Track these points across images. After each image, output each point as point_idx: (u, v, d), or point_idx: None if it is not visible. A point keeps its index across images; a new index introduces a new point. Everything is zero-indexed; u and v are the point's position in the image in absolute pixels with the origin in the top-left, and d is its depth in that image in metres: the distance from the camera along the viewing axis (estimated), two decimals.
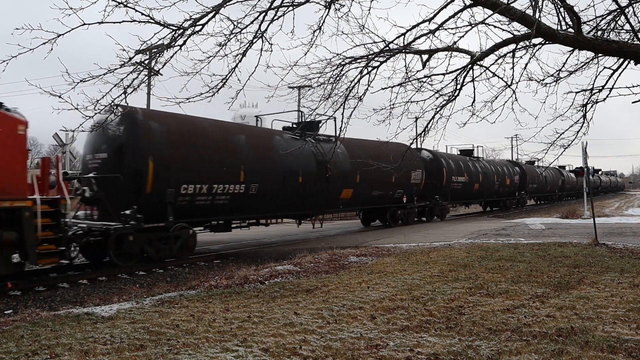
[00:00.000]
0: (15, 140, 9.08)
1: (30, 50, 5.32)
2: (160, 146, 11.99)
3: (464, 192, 27.35)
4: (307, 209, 16.64)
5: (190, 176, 12.50)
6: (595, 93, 8.09)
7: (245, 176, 13.75)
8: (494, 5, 6.08)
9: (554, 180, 44.09)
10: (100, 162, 12.01)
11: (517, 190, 35.86)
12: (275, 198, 14.95)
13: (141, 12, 5.57)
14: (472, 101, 7.77)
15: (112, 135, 11.91)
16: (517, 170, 35.89)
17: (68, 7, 5.29)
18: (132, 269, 11.79)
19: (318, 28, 6.60)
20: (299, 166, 15.63)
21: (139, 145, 11.73)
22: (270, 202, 14.92)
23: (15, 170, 9.11)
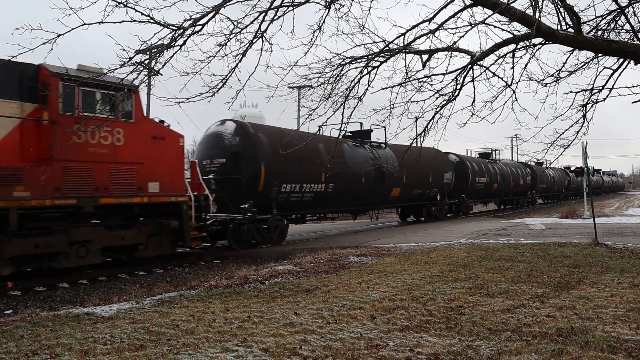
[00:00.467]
0: (177, 150, 12.04)
1: (30, 50, 5.32)
2: (268, 153, 14.79)
3: (485, 192, 30.65)
4: (366, 204, 20.30)
5: (287, 178, 15.46)
6: (595, 93, 8.09)
7: (325, 177, 16.81)
8: (494, 5, 6.08)
9: (560, 181, 46.99)
10: (218, 166, 14.81)
11: (529, 190, 38.87)
12: (345, 195, 18.23)
13: (141, 12, 5.57)
14: (472, 101, 7.77)
15: (229, 144, 14.81)
16: (529, 171, 38.47)
17: (68, 7, 5.30)
18: (132, 269, 11.83)
19: (318, 28, 6.59)
20: (362, 169, 18.77)
21: (254, 153, 14.54)
22: (341, 199, 18.22)
23: (178, 172, 12.08)
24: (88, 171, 10.31)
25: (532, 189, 39.32)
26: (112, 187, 10.67)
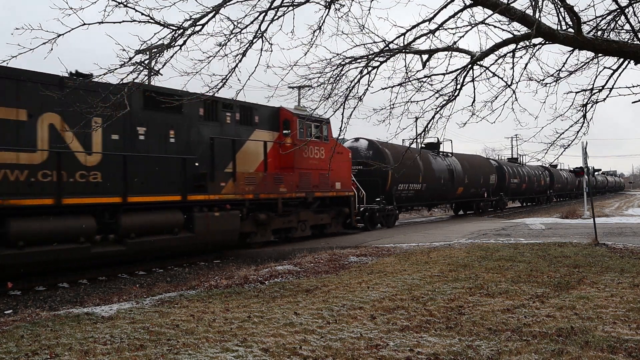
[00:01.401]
0: (348, 160, 17.91)
1: (30, 50, 5.32)
2: (392, 162, 19.57)
3: (517, 191, 36.72)
4: (443, 199, 26.90)
5: (401, 179, 21.24)
6: (595, 93, 8.09)
7: (422, 179, 23.01)
8: (494, 5, 6.08)
9: (572, 181, 53.04)
10: (356, 172, 19.66)
11: (548, 189, 44.73)
12: (432, 192, 24.32)
13: (141, 12, 5.57)
14: (472, 101, 7.77)
15: (364, 155, 20.48)
16: (547, 173, 44.42)
17: (68, 7, 5.29)
18: (132, 269, 11.84)
19: (318, 28, 6.59)
20: (441, 172, 24.90)
21: (385, 163, 18.38)
22: (430, 195, 24.39)
23: (349, 176, 17.89)
24: (310, 175, 15.87)
25: (550, 188, 45.17)
26: (320, 185, 16.23)
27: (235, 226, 13.21)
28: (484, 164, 31.37)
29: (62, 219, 9.90)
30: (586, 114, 8.05)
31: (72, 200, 10.01)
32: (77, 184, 10.28)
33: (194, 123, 12.76)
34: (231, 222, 13.10)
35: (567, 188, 52.05)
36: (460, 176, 26.41)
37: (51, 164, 9.86)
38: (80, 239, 10.14)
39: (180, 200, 11.80)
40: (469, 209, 31.55)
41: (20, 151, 9.45)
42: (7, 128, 9.35)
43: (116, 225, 10.85)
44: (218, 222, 12.67)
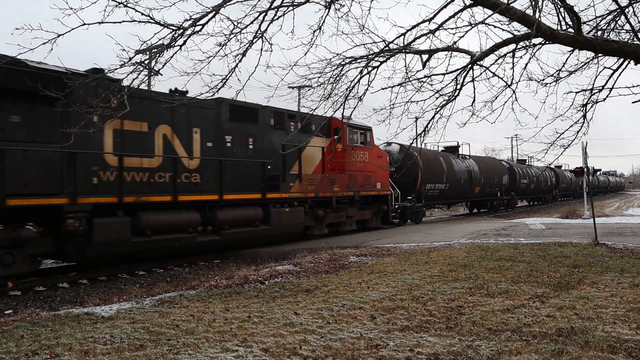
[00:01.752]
0: (386, 163, 19.72)
1: (30, 50, 5.32)
2: (421, 165, 22.71)
3: (526, 191, 39.53)
4: (461, 198, 29.72)
5: (429, 179, 23.78)
6: (595, 93, 8.09)
7: (445, 179, 25.36)
8: (494, 5, 6.08)
9: (576, 181, 55.79)
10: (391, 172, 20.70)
11: (554, 189, 48.02)
12: (453, 192, 26.85)
13: (141, 12, 5.57)
14: (472, 101, 7.77)
15: (396, 158, 21.74)
16: (553, 173, 47.52)
17: (68, 7, 5.29)
18: (132, 268, 11.85)
19: (318, 28, 6.59)
20: (461, 173, 27.31)
21: (414, 164, 21.35)
22: (451, 194, 26.97)
23: (387, 177, 19.89)
24: (357, 176, 18.03)
25: (556, 188, 48.47)
26: (364, 185, 18.38)
27: (300, 220, 15.41)
28: (498, 165, 34.30)
29: (177, 212, 12.05)
30: (586, 114, 8.05)
31: (185, 197, 12.15)
32: (182, 184, 12.22)
33: (266, 131, 14.68)
34: (298, 217, 15.28)
35: (571, 188, 55.34)
36: (477, 177, 29.22)
37: (165, 167, 11.85)
38: (189, 229, 12.25)
39: (260, 198, 14.04)
40: (483, 207, 34.23)
41: (143, 157, 11.44)
42: (134, 138, 11.30)
43: (213, 218, 12.87)
44: (288, 217, 14.93)
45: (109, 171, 10.78)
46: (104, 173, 10.71)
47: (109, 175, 10.78)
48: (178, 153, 12.17)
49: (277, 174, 14.60)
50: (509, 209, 35.57)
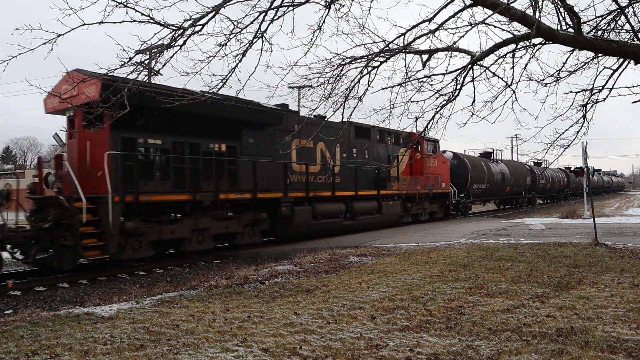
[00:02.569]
0: (448, 166, 25.25)
1: (30, 50, 5.31)
2: (470, 168, 28.64)
3: (544, 190, 45.70)
4: (496, 196, 35.58)
5: (475, 180, 29.34)
6: (595, 93, 8.08)
7: (486, 180, 31.22)
8: (494, 5, 6.07)
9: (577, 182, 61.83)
10: None
11: (565, 189, 53.85)
12: (491, 191, 32.82)
13: (141, 12, 5.56)
14: (472, 101, 7.75)
15: (451, 164, 26.49)
16: (564, 175, 53.28)
17: (68, 7, 5.29)
18: (132, 269, 11.84)
19: (318, 28, 6.58)
20: (496, 175, 33.15)
21: (465, 167, 28.35)
22: (489, 193, 32.96)
23: (448, 178, 24.76)
24: (430, 178, 23.12)
25: (567, 188, 54.66)
26: (434, 185, 23.58)
27: (398, 211, 21.03)
28: (522, 168, 40.20)
29: (334, 203, 17.32)
30: (586, 114, 8.03)
31: (338, 193, 17.50)
32: (333, 184, 17.45)
33: (374, 145, 20.04)
34: (397, 208, 20.91)
35: (580, 187, 60.88)
36: (508, 178, 35.52)
37: (322, 172, 17.08)
38: (340, 215, 17.57)
39: (375, 194, 19.51)
40: (509, 204, 40.38)
41: (312, 165, 16.62)
42: (306, 152, 16.10)
43: (351, 208, 18.08)
44: (392, 208, 20.51)
45: (296, 175, 16.00)
46: (294, 176, 15.88)
47: (297, 177, 16.05)
48: (328, 161, 17.16)
49: (384, 176, 19.90)
50: (529, 205, 42.34)
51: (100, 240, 10.79)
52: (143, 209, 11.90)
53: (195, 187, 12.69)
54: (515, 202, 40.28)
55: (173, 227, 12.40)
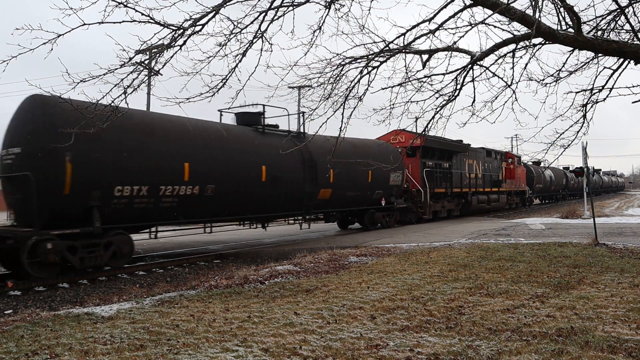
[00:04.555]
0: (524, 171, 38.23)
1: (30, 50, 5.31)
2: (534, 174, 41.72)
3: (572, 188, 55.75)
4: (546, 192, 47.53)
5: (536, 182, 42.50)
6: (595, 93, 8.07)
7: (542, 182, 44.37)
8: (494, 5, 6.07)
9: (596, 182, 67.77)
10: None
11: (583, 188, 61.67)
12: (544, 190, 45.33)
13: (141, 12, 5.56)
14: (472, 101, 7.75)
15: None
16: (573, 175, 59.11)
17: (68, 7, 5.29)
18: (132, 269, 11.85)
19: (318, 28, 6.58)
20: (547, 177, 44.41)
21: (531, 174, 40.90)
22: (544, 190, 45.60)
23: (525, 180, 37.95)
24: (517, 181, 34.99)
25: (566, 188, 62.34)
26: (518, 185, 35.35)
27: (505, 201, 33.01)
28: (559, 172, 51.49)
29: (482, 195, 29.46)
30: (586, 114, 8.03)
31: (481, 189, 29.33)
32: (480, 184, 28.87)
33: (492, 161, 31.64)
34: (504, 199, 32.89)
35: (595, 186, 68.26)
36: (553, 180, 47.88)
37: (478, 176, 28.33)
38: (485, 201, 29.56)
39: (496, 190, 31.41)
40: (551, 199, 52.16)
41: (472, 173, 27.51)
42: (470, 165, 27.58)
43: (488, 199, 30.14)
44: (502, 199, 32.39)
45: (468, 179, 27.39)
46: (467, 179, 27.30)
47: (468, 180, 27.42)
48: (477, 170, 28.88)
49: (496, 180, 31.69)
50: (563, 201, 53.78)
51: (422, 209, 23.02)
52: (434, 195, 23.83)
53: (445, 185, 25.20)
54: (555, 198, 53.21)
55: (444, 203, 25.37)
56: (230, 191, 13.50)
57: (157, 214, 12.20)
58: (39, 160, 10.13)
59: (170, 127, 12.44)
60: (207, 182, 12.84)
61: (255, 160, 14.19)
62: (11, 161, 10.71)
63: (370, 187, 18.94)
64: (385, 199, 20.11)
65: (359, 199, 18.76)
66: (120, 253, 11.34)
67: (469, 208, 27.33)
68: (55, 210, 10.32)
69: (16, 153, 10.60)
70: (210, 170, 12.88)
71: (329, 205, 17.34)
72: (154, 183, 11.61)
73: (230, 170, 13.29)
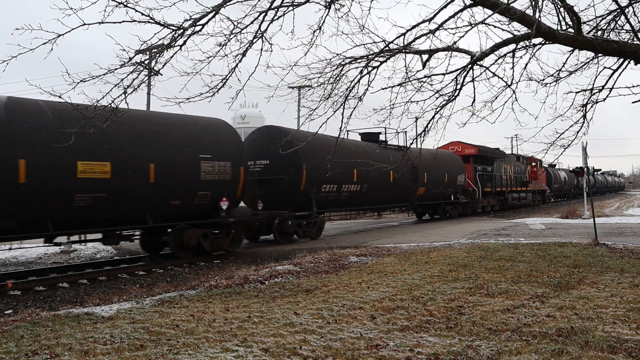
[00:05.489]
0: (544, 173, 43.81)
1: (30, 50, 5.31)
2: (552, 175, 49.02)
3: (562, 189, 55.60)
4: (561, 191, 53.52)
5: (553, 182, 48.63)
6: (595, 93, 8.07)
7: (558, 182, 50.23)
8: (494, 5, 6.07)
9: (602, 182, 74.43)
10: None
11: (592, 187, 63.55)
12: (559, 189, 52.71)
13: (141, 12, 5.55)
14: (472, 101, 7.75)
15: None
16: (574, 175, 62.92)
17: (68, 7, 5.28)
18: (132, 269, 11.85)
19: (318, 28, 6.58)
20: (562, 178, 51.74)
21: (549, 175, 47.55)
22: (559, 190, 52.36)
23: (544, 180, 43.95)
24: (539, 182, 41.06)
25: (593, 186, 64.56)
26: (539, 184, 41.27)
27: (531, 198, 38.57)
28: (571, 174, 54.43)
29: (515, 193, 35.31)
30: (586, 114, 8.02)
31: (512, 188, 34.73)
32: (510, 184, 34.36)
33: (520, 164, 36.64)
34: (530, 197, 38.24)
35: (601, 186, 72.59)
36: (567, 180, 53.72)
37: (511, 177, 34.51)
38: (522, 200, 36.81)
39: (524, 190, 36.92)
40: (564, 197, 57.52)
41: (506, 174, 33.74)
42: (506, 169, 33.88)
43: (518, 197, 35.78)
44: (529, 197, 38.19)
45: (504, 179, 33.19)
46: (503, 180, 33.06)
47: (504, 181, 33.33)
48: (510, 173, 34.17)
49: (525, 181, 36.56)
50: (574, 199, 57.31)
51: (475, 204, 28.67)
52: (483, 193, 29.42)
53: (489, 185, 30.58)
54: (567, 196, 58.69)
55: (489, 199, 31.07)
56: (375, 188, 19.44)
57: (339, 203, 18.41)
58: (289, 169, 15.57)
59: (348, 148, 17.75)
60: (364, 182, 18.65)
61: None
62: (260, 169, 16.11)
63: (446, 185, 25.33)
64: (453, 195, 26.45)
65: (438, 195, 25.13)
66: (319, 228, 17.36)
67: (506, 204, 33.60)
68: (295, 200, 16.04)
69: (265, 164, 16.11)
70: (365, 174, 18.07)
71: (422, 199, 23.88)
72: (339, 183, 17.51)
73: (374, 174, 17.37)
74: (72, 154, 10.18)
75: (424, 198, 23.79)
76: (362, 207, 20.97)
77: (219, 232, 13.63)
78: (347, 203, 18.78)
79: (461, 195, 27.27)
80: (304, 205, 16.29)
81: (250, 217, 14.65)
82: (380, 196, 20.20)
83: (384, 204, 21.54)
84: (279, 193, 15.70)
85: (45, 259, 13.91)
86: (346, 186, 17.89)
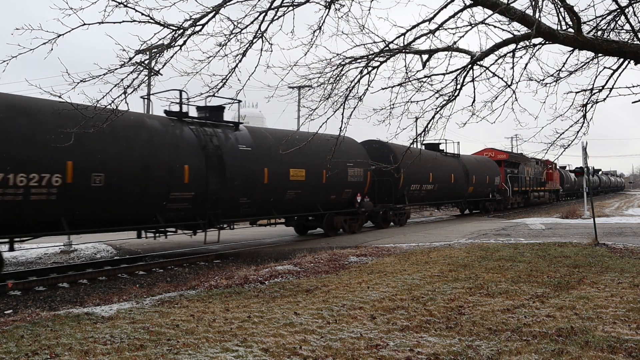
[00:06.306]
0: (558, 174, 50.01)
1: (30, 50, 5.30)
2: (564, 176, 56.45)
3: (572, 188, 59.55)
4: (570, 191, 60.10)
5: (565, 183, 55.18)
6: (595, 93, 8.06)
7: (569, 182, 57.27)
8: (494, 5, 6.06)
9: (605, 182, 77.74)
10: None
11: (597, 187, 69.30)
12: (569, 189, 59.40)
13: (141, 12, 5.55)
14: (472, 101, 7.74)
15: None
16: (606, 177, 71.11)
17: (68, 7, 5.28)
18: (132, 269, 11.86)
19: (318, 28, 6.57)
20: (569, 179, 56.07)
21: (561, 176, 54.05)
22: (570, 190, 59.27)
23: (559, 180, 50.19)
24: (553, 182, 46.10)
25: (599, 187, 70.37)
26: (553, 184, 45.89)
27: (548, 197, 43.84)
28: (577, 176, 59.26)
29: (535, 192, 40.03)
30: (586, 114, 8.01)
31: (531, 188, 38.81)
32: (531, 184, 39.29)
33: (539, 167, 40.74)
34: (547, 196, 43.56)
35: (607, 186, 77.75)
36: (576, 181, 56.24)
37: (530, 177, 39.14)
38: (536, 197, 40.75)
39: (542, 189, 42.17)
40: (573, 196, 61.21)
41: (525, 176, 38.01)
42: (526, 172, 38.40)
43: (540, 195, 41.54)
44: (547, 195, 43.61)
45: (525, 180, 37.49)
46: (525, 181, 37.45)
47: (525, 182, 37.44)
48: (531, 174, 38.87)
49: (542, 181, 40.89)
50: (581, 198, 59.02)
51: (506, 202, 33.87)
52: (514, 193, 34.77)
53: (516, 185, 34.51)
54: (576, 195, 61.32)
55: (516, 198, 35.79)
56: (442, 188, 24.71)
57: (420, 199, 23.60)
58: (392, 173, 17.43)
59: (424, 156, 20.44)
60: (436, 182, 23.76)
61: (447, 169, 25.41)
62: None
63: (487, 185, 30.72)
64: (491, 194, 31.62)
65: (481, 193, 30.37)
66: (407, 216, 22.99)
67: (529, 202, 38.71)
68: (394, 196, 20.70)
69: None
70: (436, 176, 23.69)
71: (471, 196, 29.16)
72: (421, 183, 22.64)
73: (442, 176, 24.27)
74: (286, 164, 14.86)
75: (472, 195, 29.48)
76: (434, 202, 26.03)
77: (352, 219, 18.41)
78: (424, 199, 24.01)
79: (497, 194, 32.78)
80: (398, 200, 21.19)
81: (373, 207, 19.32)
82: (445, 194, 25.61)
83: (448, 199, 27.08)
84: (385, 191, 20.52)
85: (45, 259, 13.91)
86: (425, 185, 23.03)
